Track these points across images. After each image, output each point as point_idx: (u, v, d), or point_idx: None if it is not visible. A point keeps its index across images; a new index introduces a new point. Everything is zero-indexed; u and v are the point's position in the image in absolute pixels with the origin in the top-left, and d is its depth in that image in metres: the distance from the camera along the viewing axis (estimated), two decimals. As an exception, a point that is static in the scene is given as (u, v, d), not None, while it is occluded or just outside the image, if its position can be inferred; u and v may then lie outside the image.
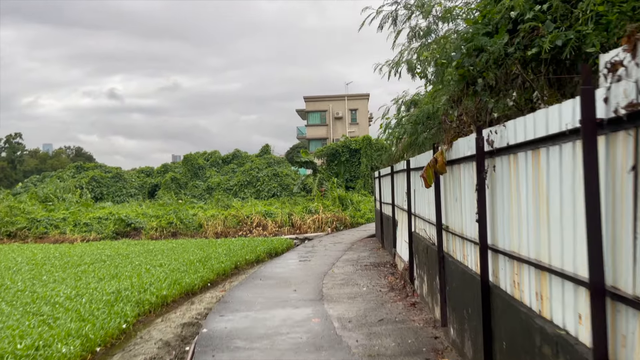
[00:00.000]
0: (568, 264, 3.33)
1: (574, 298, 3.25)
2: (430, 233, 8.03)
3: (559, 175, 3.43)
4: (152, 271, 14.54)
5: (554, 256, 3.55)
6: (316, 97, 68.31)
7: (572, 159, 3.23)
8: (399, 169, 12.08)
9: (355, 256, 15.23)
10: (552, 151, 3.52)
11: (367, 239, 20.45)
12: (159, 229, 27.45)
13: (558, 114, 3.38)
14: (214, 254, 17.87)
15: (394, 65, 15.15)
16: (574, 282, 3.22)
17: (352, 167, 45.07)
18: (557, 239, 3.48)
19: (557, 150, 3.44)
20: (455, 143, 6.18)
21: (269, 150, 52.14)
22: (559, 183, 3.43)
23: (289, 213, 27.70)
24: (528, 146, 3.93)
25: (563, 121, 3.31)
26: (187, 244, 22.16)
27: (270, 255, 19.56)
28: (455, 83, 6.60)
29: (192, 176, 50.01)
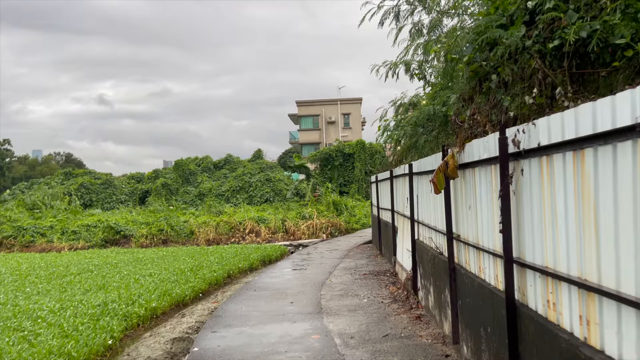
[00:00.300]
0: (627, 285, 2.79)
1: (636, 327, 2.71)
2: (438, 242, 7.50)
3: (612, 179, 2.90)
4: (141, 281, 13.95)
5: (606, 275, 3.02)
6: (309, 102, 67.83)
7: (633, 160, 2.69)
8: (399, 173, 11.56)
9: (353, 264, 14.67)
10: (603, 152, 2.99)
11: (363, 245, 19.90)
12: (149, 236, 26.80)
13: (611, 109, 2.85)
14: (205, 262, 17.27)
15: (391, 66, 14.67)
16: (636, 308, 2.68)
17: (345, 171, 44.55)
18: (611, 255, 2.95)
19: (610, 150, 2.92)
20: (469, 145, 5.66)
21: (262, 155, 51.57)
22: (613, 188, 2.90)
23: (283, 219, 27.13)
24: (567, 146, 3.40)
25: (618, 116, 2.78)
26: (178, 251, 21.53)
27: (264, 263, 18.99)
28: (467, 80, 6.08)
29: (184, 182, 49.31)
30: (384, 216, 15.18)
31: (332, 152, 44.31)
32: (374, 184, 18.42)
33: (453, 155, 5.96)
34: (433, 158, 7.70)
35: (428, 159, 8.16)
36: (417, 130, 11.81)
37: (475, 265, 5.69)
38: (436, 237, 7.59)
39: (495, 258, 4.95)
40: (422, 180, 8.78)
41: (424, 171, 8.48)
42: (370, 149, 44.89)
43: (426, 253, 8.35)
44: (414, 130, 11.72)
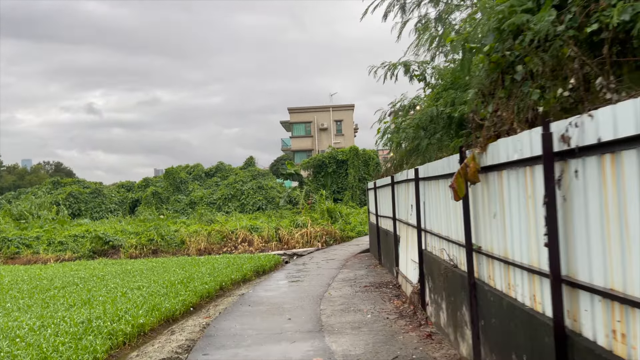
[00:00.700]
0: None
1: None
2: (452, 253, 6.82)
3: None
4: (128, 295, 13.21)
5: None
6: (301, 109, 67.22)
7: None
8: (401, 179, 10.89)
9: (351, 275, 13.94)
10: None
11: (361, 254, 19.19)
12: (139, 246, 25.96)
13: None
14: (196, 273, 16.52)
15: (390, 67, 14.02)
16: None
17: (339, 178, 43.88)
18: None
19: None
20: (493, 145, 4.99)
21: (253, 162, 50.86)
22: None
23: (276, 227, 26.38)
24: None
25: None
26: (169, 262, 20.73)
27: (257, 274, 18.25)
28: (486, 73, 5.42)
29: (174, 190, 48.46)
30: (383, 224, 14.50)
31: (325, 159, 43.66)
32: (371, 190, 17.74)
33: (474, 157, 5.29)
34: (444, 162, 7.03)
35: (438, 162, 7.48)
36: (419, 132, 11.14)
37: (502, 281, 5.00)
38: (450, 248, 6.90)
39: (531, 275, 4.27)
40: (430, 186, 8.11)
41: (432, 176, 7.81)
42: (363, 155, 44.29)
43: (437, 265, 7.66)
44: (416, 133, 11.05)
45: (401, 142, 10.85)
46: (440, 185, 7.34)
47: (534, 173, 4.14)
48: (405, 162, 12.44)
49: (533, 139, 4.10)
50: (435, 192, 7.73)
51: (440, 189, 7.39)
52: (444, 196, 7.20)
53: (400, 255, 11.39)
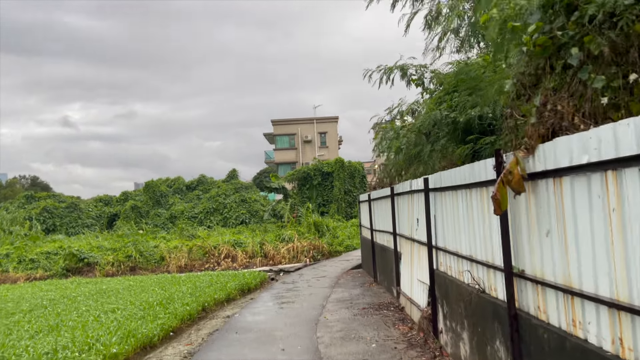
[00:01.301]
0: None
1: None
2: (479, 276, 5.79)
3: None
4: (102, 319, 12.03)
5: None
6: (284, 120, 66.26)
7: None
8: (404, 190, 9.87)
9: (346, 295, 12.84)
10: None
11: (353, 271, 18.10)
12: (116, 263, 24.61)
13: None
14: (177, 293, 15.34)
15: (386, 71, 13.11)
16: None
17: (324, 191, 42.83)
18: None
19: None
20: (549, 146, 3.99)
21: (236, 175, 49.59)
22: None
23: (261, 242, 25.22)
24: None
25: None
26: (147, 280, 19.47)
27: (242, 293, 17.11)
28: (530, 58, 4.46)
29: (154, 204, 46.98)
30: (380, 240, 13.47)
31: (310, 171, 42.62)
32: (364, 203, 16.70)
33: (517, 161, 4.29)
34: (466, 169, 6.03)
35: (456, 171, 6.48)
36: (421, 138, 10.19)
37: (562, 316, 3.98)
38: (476, 269, 5.87)
39: (616, 312, 3.26)
40: (444, 197, 7.10)
41: (448, 186, 6.81)
42: (349, 167, 43.35)
43: (454, 288, 6.63)
44: (418, 139, 10.10)
45: (402, 147, 9.87)
46: (460, 196, 6.35)
47: (622, 179, 3.15)
48: (404, 171, 11.47)
49: (620, 135, 3.11)
50: (452, 204, 6.74)
51: (459, 201, 6.40)
52: (464, 209, 6.20)
53: (403, 274, 10.36)
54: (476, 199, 5.72)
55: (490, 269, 5.40)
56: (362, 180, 44.88)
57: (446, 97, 10.74)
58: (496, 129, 9.51)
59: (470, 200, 5.94)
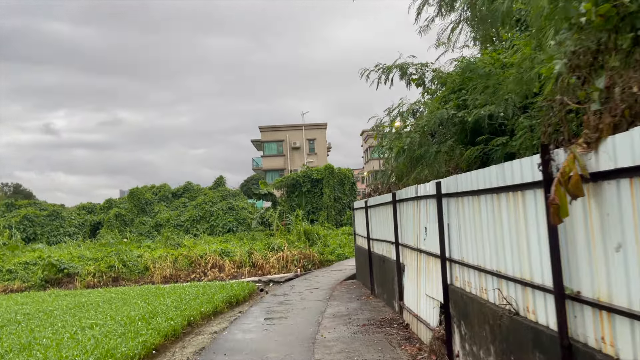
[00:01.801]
0: None
1: None
2: (510, 295, 4.97)
3: None
4: (78, 336, 11.14)
5: None
6: (272, 127, 65.43)
7: None
8: (408, 195, 9.06)
9: (343, 309, 11.97)
10: None
11: (346, 281, 17.23)
12: (98, 274, 23.54)
13: None
14: (161, 306, 14.42)
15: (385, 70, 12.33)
16: None
17: (314, 198, 41.98)
18: None
19: None
20: (622, 138, 3.19)
21: (223, 182, 48.61)
22: None
23: (249, 251, 24.30)
24: None
25: None
26: (130, 292, 18.48)
27: (230, 305, 16.21)
28: (587, 33, 3.68)
29: (139, 212, 45.82)
30: (379, 249, 12.64)
31: (300, 178, 41.77)
32: (359, 210, 15.86)
33: (575, 158, 3.48)
34: (493, 171, 5.22)
35: (477, 173, 5.68)
36: (426, 139, 9.40)
37: (635, 349, 3.18)
38: (506, 287, 5.05)
39: None
40: (462, 203, 6.30)
41: (467, 191, 6.01)
42: (339, 174, 42.57)
43: (476, 307, 5.81)
44: (423, 139, 9.31)
45: (404, 148, 9.07)
46: (483, 202, 5.54)
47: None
48: (406, 176, 10.66)
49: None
50: (471, 211, 5.93)
51: (482, 208, 5.59)
52: (489, 217, 5.40)
53: (407, 288, 9.52)
54: (507, 205, 4.92)
55: (527, 287, 4.59)
56: (352, 187, 44.11)
57: (452, 96, 9.99)
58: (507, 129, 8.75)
59: (498, 207, 5.14)
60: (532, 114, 8.09)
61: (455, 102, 9.39)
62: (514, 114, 8.63)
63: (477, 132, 9.01)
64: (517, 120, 8.34)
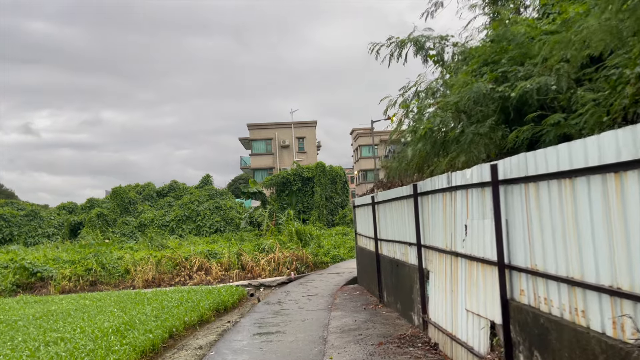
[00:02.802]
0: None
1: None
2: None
3: None
4: (40, 353, 9.50)
5: None
6: (261, 125, 63.69)
7: None
8: (436, 186, 7.41)
9: (350, 321, 10.26)
10: None
11: (347, 286, 15.58)
12: (74, 277, 21.72)
13: None
14: (139, 316, 12.75)
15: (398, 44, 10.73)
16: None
17: (305, 197, 40.33)
18: None
19: None
20: None
21: (210, 181, 46.81)
22: None
23: (238, 253, 22.60)
24: None
25: None
26: (107, 299, 16.74)
27: (218, 312, 14.56)
28: None
29: (122, 212, 43.90)
30: (389, 251, 11.00)
31: (290, 176, 40.11)
32: (364, 207, 14.21)
33: None
34: (606, 139, 3.61)
35: (572, 147, 4.06)
36: (460, 118, 7.79)
37: None
38: (633, 310, 3.45)
39: None
40: (533, 191, 4.66)
41: (546, 174, 4.40)
42: (330, 172, 40.96)
43: (566, 336, 4.19)
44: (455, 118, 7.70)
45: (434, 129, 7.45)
46: (582, 186, 3.93)
47: None
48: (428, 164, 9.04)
49: None
50: (556, 200, 4.31)
51: (577, 194, 3.99)
52: (597, 207, 3.78)
53: (434, 299, 7.87)
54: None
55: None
56: (344, 186, 42.54)
57: (484, 69, 8.39)
58: (558, 106, 7.17)
59: (616, 192, 3.53)
60: (596, 86, 6.54)
61: (492, 75, 7.79)
62: (569, 86, 7.05)
63: (521, 111, 7.44)
64: (574, 94, 6.77)
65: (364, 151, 73.20)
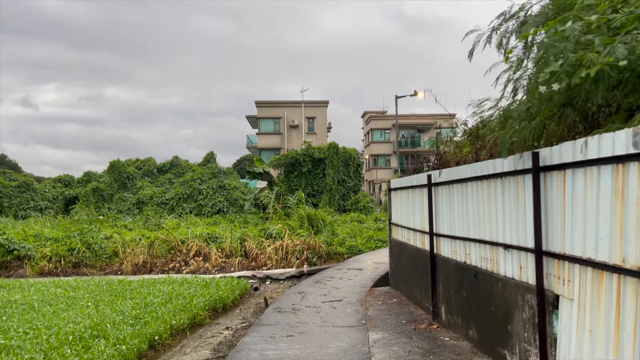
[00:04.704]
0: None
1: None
2: None
3: None
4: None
5: None
6: (269, 103, 60.73)
7: None
8: (592, 155, 4.57)
9: (401, 352, 7.12)
10: None
11: (377, 289, 12.66)
12: (55, 258, 19.05)
13: None
14: (116, 315, 10.12)
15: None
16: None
17: (315, 179, 37.51)
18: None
19: None
20: None
21: (214, 158, 44.04)
22: None
23: (242, 238, 19.88)
24: None
25: None
26: (84, 287, 14.07)
27: (214, 313, 11.94)
28: None
29: (120, 187, 41.27)
30: (455, 253, 8.00)
31: (300, 157, 37.25)
32: (406, 191, 11.27)
33: None
34: None
35: None
36: None
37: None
38: None
39: None
40: None
41: None
42: (344, 154, 38.09)
43: None
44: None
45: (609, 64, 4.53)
46: None
47: None
48: (560, 119, 6.06)
49: None
50: None
51: None
52: None
53: (571, 342, 4.97)
54: None
55: None
56: (357, 169, 39.69)
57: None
58: None
59: None
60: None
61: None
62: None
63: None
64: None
65: (376, 135, 70.18)
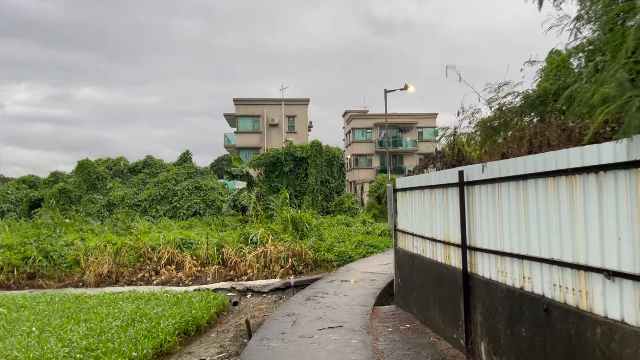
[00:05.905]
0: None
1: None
2: None
3: None
4: None
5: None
6: (248, 100, 58.50)
7: None
8: None
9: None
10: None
11: (382, 309, 10.70)
12: (7, 268, 16.77)
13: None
14: (61, 347, 8.06)
15: None
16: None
17: (297, 179, 35.47)
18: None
19: None
20: None
21: (190, 157, 41.75)
22: None
23: (219, 243, 17.78)
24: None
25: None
26: (31, 306, 11.90)
27: (187, 338, 9.94)
28: None
29: (89, 188, 38.72)
30: (507, 277, 5.82)
31: (281, 156, 35.18)
32: (423, 191, 9.21)
33: None
34: None
35: None
36: None
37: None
38: None
39: None
40: None
41: None
42: (327, 153, 36.14)
43: None
44: None
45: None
46: None
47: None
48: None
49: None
50: None
51: None
52: None
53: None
54: None
55: None
56: (341, 169, 37.78)
57: None
58: None
59: None
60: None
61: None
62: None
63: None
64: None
65: (358, 134, 68.46)
